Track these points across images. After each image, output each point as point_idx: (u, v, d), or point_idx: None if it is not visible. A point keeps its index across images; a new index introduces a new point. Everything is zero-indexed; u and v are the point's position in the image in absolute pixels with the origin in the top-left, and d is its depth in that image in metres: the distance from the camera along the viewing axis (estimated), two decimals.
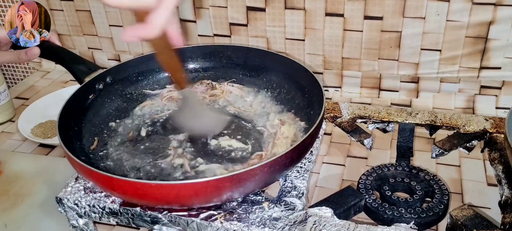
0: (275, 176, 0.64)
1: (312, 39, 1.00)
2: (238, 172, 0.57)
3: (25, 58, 0.76)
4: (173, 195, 0.59)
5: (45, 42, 0.77)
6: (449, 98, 0.98)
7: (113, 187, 0.61)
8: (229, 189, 0.59)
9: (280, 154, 0.59)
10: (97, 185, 0.65)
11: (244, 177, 0.58)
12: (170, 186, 0.59)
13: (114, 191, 0.62)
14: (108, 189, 0.63)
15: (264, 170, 0.59)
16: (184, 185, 0.59)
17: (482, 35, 0.90)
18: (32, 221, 0.73)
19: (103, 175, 0.59)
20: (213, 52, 0.91)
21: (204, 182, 0.58)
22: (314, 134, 0.66)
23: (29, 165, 0.85)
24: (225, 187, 0.59)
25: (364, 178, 0.72)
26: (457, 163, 0.80)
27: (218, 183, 0.58)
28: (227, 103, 0.85)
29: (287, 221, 0.61)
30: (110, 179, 0.59)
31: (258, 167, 0.58)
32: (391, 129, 0.85)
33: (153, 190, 0.58)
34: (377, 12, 0.93)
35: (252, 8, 1.00)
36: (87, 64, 0.80)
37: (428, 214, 0.65)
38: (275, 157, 0.59)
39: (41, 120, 0.97)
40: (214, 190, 0.59)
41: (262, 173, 0.59)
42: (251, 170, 0.58)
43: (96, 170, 0.60)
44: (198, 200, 0.61)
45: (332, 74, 1.04)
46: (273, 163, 0.59)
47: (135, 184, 0.59)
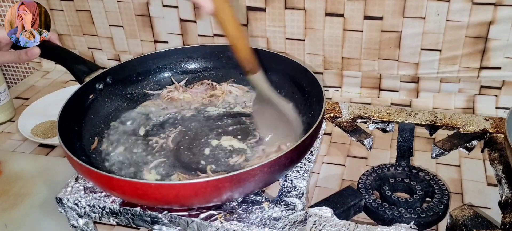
0: (275, 176, 0.64)
1: (312, 39, 1.00)
2: (238, 172, 0.57)
3: (25, 58, 0.76)
4: (172, 195, 0.59)
5: (45, 42, 0.77)
6: (449, 98, 0.98)
7: (112, 187, 0.61)
8: (229, 189, 0.59)
9: (280, 154, 0.60)
10: (97, 185, 0.65)
11: (244, 177, 0.58)
12: (170, 186, 0.59)
13: (114, 191, 0.62)
14: (108, 189, 0.63)
15: (264, 170, 0.59)
16: (183, 185, 0.59)
17: (482, 35, 0.90)
18: (32, 221, 0.73)
19: (102, 175, 0.59)
20: (213, 52, 0.92)
21: (204, 182, 0.58)
22: (314, 134, 0.66)
23: (29, 165, 0.85)
24: (225, 187, 0.59)
25: (364, 178, 0.72)
26: (457, 163, 0.80)
27: (217, 183, 0.58)
28: (227, 104, 0.85)
29: (287, 221, 0.61)
30: (109, 179, 0.59)
31: (258, 167, 0.58)
32: (391, 129, 0.85)
33: (153, 190, 0.58)
34: (377, 12, 0.93)
35: (252, 8, 1.00)
36: (88, 64, 0.80)
37: (428, 214, 0.65)
38: (275, 157, 0.59)
39: (41, 120, 0.97)
40: (214, 190, 0.59)
41: (261, 173, 0.59)
42: (251, 170, 0.58)
43: (96, 170, 0.60)
44: (197, 200, 0.61)
45: (332, 74, 1.04)
46: (273, 163, 0.59)
47: (135, 184, 0.59)
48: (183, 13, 1.05)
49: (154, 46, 1.13)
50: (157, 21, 1.09)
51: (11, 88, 1.13)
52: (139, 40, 1.13)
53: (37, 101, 1.03)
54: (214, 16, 0.64)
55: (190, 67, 0.92)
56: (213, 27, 1.05)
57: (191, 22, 1.06)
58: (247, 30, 1.03)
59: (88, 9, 1.12)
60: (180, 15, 1.06)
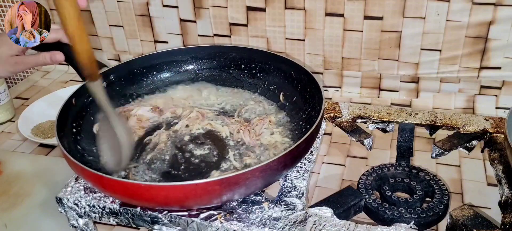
0: (275, 176, 0.64)
1: (312, 39, 1.00)
2: (228, 175, 0.57)
3: (49, 62, 0.75)
4: (162, 197, 0.59)
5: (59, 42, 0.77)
6: (449, 98, 0.98)
7: (104, 186, 0.61)
8: (219, 192, 0.59)
9: (278, 156, 0.60)
10: (90, 183, 0.66)
11: (234, 180, 0.58)
12: (159, 188, 0.59)
13: (106, 190, 0.63)
14: (100, 188, 0.63)
15: (255, 174, 0.59)
16: (173, 187, 0.59)
17: (482, 35, 0.90)
18: (32, 221, 0.73)
19: (94, 173, 0.59)
20: (217, 53, 0.92)
21: (193, 184, 0.58)
22: (312, 135, 0.66)
23: (29, 165, 0.85)
24: (215, 190, 0.58)
25: (364, 178, 0.72)
26: (457, 163, 0.80)
27: (207, 186, 0.58)
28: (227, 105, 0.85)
29: (287, 221, 0.61)
30: (100, 178, 0.59)
31: (249, 171, 0.58)
32: (391, 129, 0.85)
33: (142, 190, 0.58)
34: (377, 12, 0.93)
35: (252, 8, 1.00)
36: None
37: (428, 214, 0.65)
38: (272, 159, 0.59)
39: (41, 119, 0.97)
40: (204, 192, 0.58)
41: (254, 177, 0.59)
42: (243, 174, 0.58)
43: (88, 168, 0.60)
44: (187, 202, 0.61)
45: (332, 74, 1.04)
46: (270, 165, 0.59)
47: (125, 184, 0.60)
48: (183, 13, 1.05)
49: (154, 46, 1.13)
50: (157, 21, 1.09)
51: (11, 88, 1.13)
52: (139, 40, 1.13)
53: (37, 101, 1.03)
54: (56, 10, 0.59)
55: (190, 68, 0.92)
56: (213, 27, 1.05)
57: (191, 22, 1.06)
58: (247, 30, 1.03)
59: (88, 9, 1.12)
60: (180, 15, 1.06)
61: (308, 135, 0.63)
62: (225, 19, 1.03)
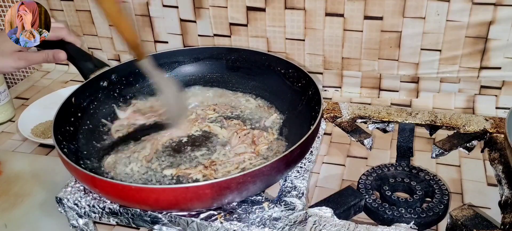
0: (269, 181, 0.64)
1: (312, 39, 1.00)
2: (219, 180, 0.57)
3: (52, 60, 0.78)
4: (152, 199, 0.59)
5: (61, 40, 0.79)
6: (449, 98, 0.98)
7: (96, 186, 0.61)
8: (210, 196, 0.59)
9: (278, 157, 0.60)
10: (84, 184, 0.66)
11: (225, 185, 0.58)
12: (150, 190, 0.59)
13: (98, 190, 0.63)
14: (93, 188, 0.63)
15: (247, 179, 0.58)
16: (163, 189, 0.59)
17: (482, 35, 0.90)
18: (32, 221, 0.73)
19: (86, 174, 0.60)
20: (216, 54, 0.91)
21: (184, 188, 0.58)
22: (312, 136, 0.66)
23: (29, 165, 0.85)
24: (206, 194, 0.58)
25: (364, 178, 0.72)
26: (457, 163, 0.80)
27: (198, 189, 0.57)
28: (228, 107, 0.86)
29: (287, 221, 0.61)
30: (92, 178, 0.59)
31: (241, 175, 0.58)
32: (391, 129, 0.85)
33: (133, 192, 0.58)
34: (377, 12, 0.93)
35: (252, 8, 1.00)
36: (94, 61, 0.81)
37: (428, 214, 0.65)
38: (272, 161, 0.59)
39: (41, 120, 0.97)
40: (194, 196, 0.58)
41: (246, 182, 0.59)
42: (235, 178, 0.57)
43: (81, 168, 0.60)
44: (178, 206, 0.61)
45: (332, 74, 1.04)
46: (262, 170, 0.59)
47: (116, 186, 0.60)
48: (183, 13, 1.05)
49: (154, 46, 1.13)
50: (157, 21, 1.09)
51: (11, 88, 1.13)
52: (139, 40, 1.13)
53: (37, 101, 1.03)
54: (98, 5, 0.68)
55: (186, 70, 0.91)
56: (213, 27, 1.05)
57: (191, 22, 1.06)
58: (247, 30, 1.03)
59: (88, 9, 1.13)
60: (180, 15, 1.06)
61: (302, 141, 0.63)
62: (225, 19, 1.03)
